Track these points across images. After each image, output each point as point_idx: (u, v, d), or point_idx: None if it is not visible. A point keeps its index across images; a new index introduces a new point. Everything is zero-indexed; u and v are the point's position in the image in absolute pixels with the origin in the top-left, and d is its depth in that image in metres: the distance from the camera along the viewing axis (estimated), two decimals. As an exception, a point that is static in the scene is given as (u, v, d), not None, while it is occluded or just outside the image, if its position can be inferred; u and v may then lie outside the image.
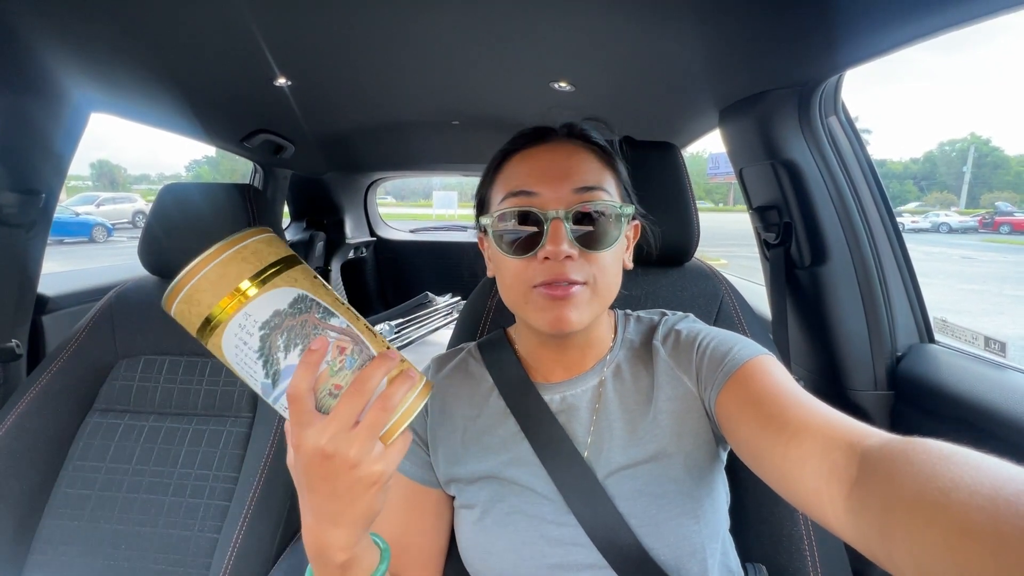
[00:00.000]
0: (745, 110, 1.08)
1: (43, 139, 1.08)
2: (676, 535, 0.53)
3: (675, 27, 0.79)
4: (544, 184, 0.55)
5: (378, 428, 0.38)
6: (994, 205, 24.08)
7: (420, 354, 1.94)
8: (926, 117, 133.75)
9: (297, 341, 0.38)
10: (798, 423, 0.43)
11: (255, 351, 0.38)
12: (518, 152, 0.59)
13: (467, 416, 0.63)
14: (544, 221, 0.53)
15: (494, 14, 0.78)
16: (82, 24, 0.80)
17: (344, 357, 0.39)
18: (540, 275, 0.53)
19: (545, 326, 0.54)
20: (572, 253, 0.53)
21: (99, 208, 14.19)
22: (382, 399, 0.38)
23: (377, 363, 0.39)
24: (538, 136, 0.60)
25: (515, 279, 0.56)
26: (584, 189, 0.55)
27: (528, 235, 0.54)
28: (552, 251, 0.52)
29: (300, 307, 0.39)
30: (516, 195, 0.56)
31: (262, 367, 0.38)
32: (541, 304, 0.54)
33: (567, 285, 0.53)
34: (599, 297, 0.55)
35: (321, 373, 0.39)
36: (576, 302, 0.53)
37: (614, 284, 0.57)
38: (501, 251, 0.56)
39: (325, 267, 2.59)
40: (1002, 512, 0.25)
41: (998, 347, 0.88)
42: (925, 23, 0.68)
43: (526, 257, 0.54)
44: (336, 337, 0.39)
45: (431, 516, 0.63)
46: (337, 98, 1.28)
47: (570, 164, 0.56)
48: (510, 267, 0.56)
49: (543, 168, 0.56)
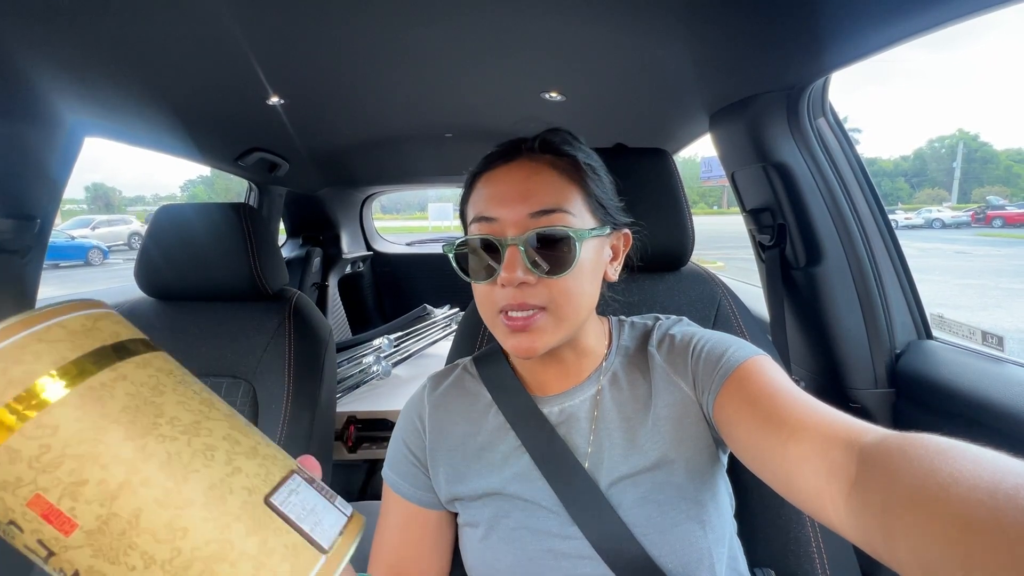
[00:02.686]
0: (735, 114, 1.09)
1: (37, 165, 1.08)
2: (682, 542, 0.52)
3: (663, 35, 0.80)
4: (503, 208, 0.54)
5: None
6: (985, 199, 24.26)
7: (420, 367, 1.93)
8: (915, 115, 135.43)
9: None
10: (795, 423, 0.43)
11: None
12: (484, 174, 0.59)
13: (467, 433, 0.62)
14: (501, 248, 0.53)
15: (483, 27, 0.78)
16: (76, 50, 0.80)
17: None
18: (502, 299, 0.54)
19: (510, 350, 0.55)
20: (528, 279, 0.52)
21: (94, 231, 14.16)
22: None
23: None
24: (505, 154, 0.59)
25: (483, 303, 0.57)
26: (541, 212, 0.53)
27: (490, 261, 0.55)
28: (506, 278, 0.52)
29: None
30: (479, 221, 0.56)
31: None
32: (505, 331, 0.55)
33: (528, 315, 0.53)
34: (563, 321, 0.54)
35: None
36: (537, 330, 0.53)
37: (581, 305, 0.55)
38: (467, 275, 0.57)
39: (323, 283, 2.59)
40: (1003, 506, 0.25)
41: (995, 341, 0.89)
42: (907, 24, 0.69)
43: (489, 282, 0.55)
44: None
45: (431, 538, 0.62)
46: (330, 115, 1.29)
47: (528, 187, 0.55)
48: (478, 291, 0.57)
49: (502, 192, 0.55)
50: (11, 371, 0.23)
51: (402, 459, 0.64)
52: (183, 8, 0.69)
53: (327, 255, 2.63)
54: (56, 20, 0.70)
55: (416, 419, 0.66)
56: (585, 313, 0.57)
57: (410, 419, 0.66)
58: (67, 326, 0.25)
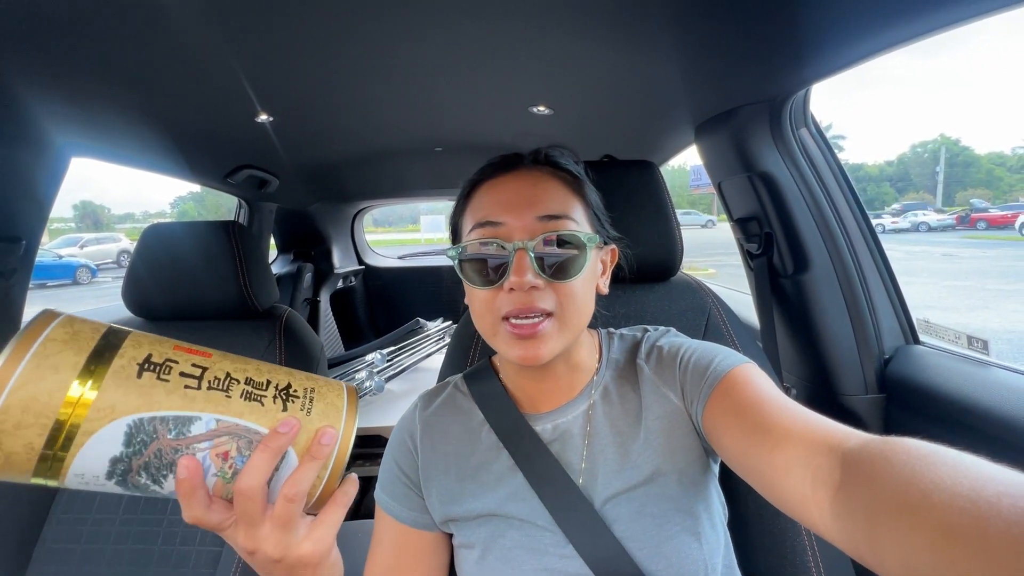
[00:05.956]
0: (719, 126, 1.11)
1: (24, 186, 1.07)
2: (679, 554, 0.52)
3: (648, 49, 0.82)
4: (509, 213, 0.55)
5: (290, 521, 0.35)
6: (969, 203, 24.69)
7: (414, 381, 1.92)
8: (897, 121, 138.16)
9: (164, 472, 0.31)
10: (781, 430, 0.44)
11: (121, 490, 0.31)
12: (486, 182, 0.59)
13: (460, 454, 0.62)
14: (509, 252, 0.53)
15: (470, 43, 0.79)
16: (64, 71, 0.80)
17: (232, 460, 0.33)
18: (507, 305, 0.53)
19: (515, 359, 0.54)
20: (537, 283, 0.52)
21: (83, 249, 14.02)
22: (287, 489, 0.35)
23: (258, 456, 0.32)
24: (506, 165, 0.60)
25: (484, 309, 0.56)
26: (549, 217, 0.54)
27: (494, 266, 0.54)
28: (516, 282, 0.52)
29: (142, 439, 0.30)
30: (483, 225, 0.56)
31: (143, 494, 0.32)
32: (508, 339, 0.54)
33: (534, 321, 0.52)
34: (568, 327, 0.55)
35: (215, 486, 0.33)
36: (543, 337, 0.53)
37: (584, 312, 0.56)
38: (469, 282, 0.56)
39: (314, 298, 2.57)
40: (983, 513, 0.26)
41: (981, 345, 0.90)
42: (886, 37, 0.71)
43: (493, 288, 0.54)
44: (209, 446, 0.32)
45: (425, 560, 0.61)
46: (320, 131, 1.29)
47: (535, 192, 0.56)
48: (479, 297, 0.56)
49: (509, 197, 0.56)
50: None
51: (394, 480, 0.64)
52: (171, 28, 0.70)
53: (318, 270, 2.62)
54: (43, 41, 0.70)
55: (408, 439, 0.65)
56: (586, 321, 0.57)
57: (402, 439, 0.65)
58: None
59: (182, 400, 0.31)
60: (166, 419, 0.30)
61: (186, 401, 0.31)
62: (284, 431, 0.34)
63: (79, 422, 0.28)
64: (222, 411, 0.32)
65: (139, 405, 0.29)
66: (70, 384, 0.28)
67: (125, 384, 0.29)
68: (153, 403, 0.30)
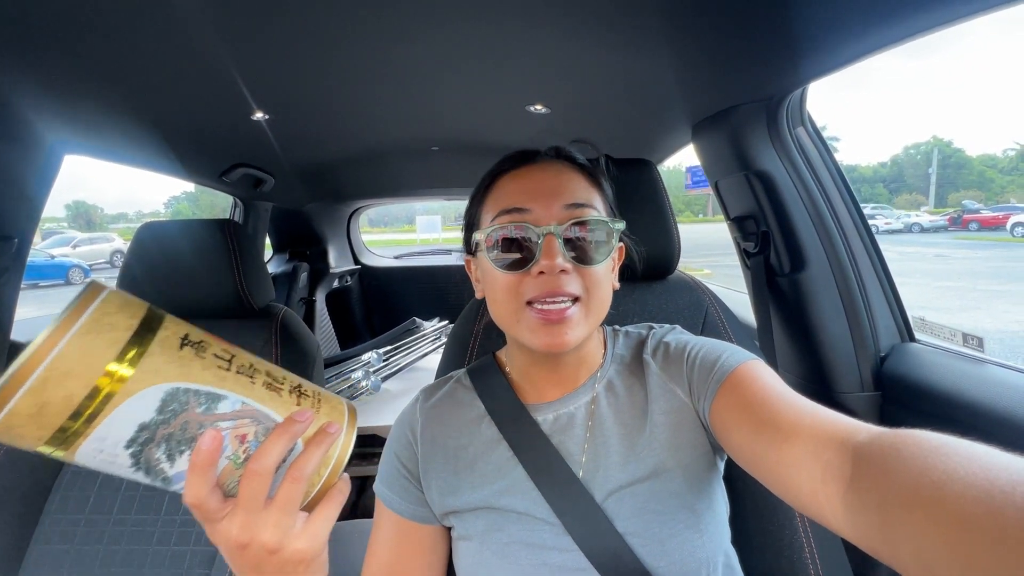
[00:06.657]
0: (716, 125, 1.11)
1: (15, 184, 1.06)
2: (681, 551, 0.52)
3: (645, 48, 0.82)
4: (536, 201, 0.56)
5: (292, 504, 0.35)
6: (961, 204, 24.90)
7: (410, 381, 1.91)
8: (891, 122, 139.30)
9: (182, 447, 0.32)
10: (789, 425, 0.44)
11: (128, 467, 0.31)
12: (507, 172, 0.60)
13: (459, 445, 0.62)
14: (538, 236, 0.54)
15: (467, 42, 0.79)
16: (56, 67, 0.80)
17: (247, 444, 0.34)
18: (533, 290, 0.53)
19: (539, 346, 0.54)
20: (566, 267, 0.53)
21: (75, 249, 13.91)
22: (293, 470, 0.35)
23: (275, 438, 0.34)
24: (526, 157, 0.61)
25: (507, 295, 0.56)
26: (575, 205, 0.56)
27: (522, 250, 0.55)
28: (547, 265, 0.52)
29: (173, 409, 0.31)
30: (508, 212, 0.56)
31: (144, 476, 0.32)
32: (534, 325, 0.54)
33: (562, 307, 0.53)
34: (593, 313, 0.56)
35: (224, 469, 0.34)
36: (571, 323, 0.54)
37: (606, 299, 0.58)
38: (494, 266, 0.56)
39: (310, 298, 2.56)
40: (998, 503, 0.25)
41: (976, 343, 0.90)
42: (881, 36, 0.71)
43: (519, 272, 0.55)
44: (231, 426, 0.33)
45: (424, 554, 0.61)
46: (315, 130, 1.29)
47: (560, 182, 0.57)
48: (503, 283, 0.56)
49: (534, 186, 0.57)
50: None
51: (395, 473, 0.63)
52: (165, 25, 0.69)
53: (314, 270, 2.61)
54: (35, 38, 0.70)
55: (408, 432, 0.65)
56: (606, 310, 0.58)
57: (402, 432, 0.65)
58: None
59: (215, 377, 0.32)
60: (199, 392, 0.31)
61: (218, 379, 0.32)
62: (301, 420, 0.35)
63: (125, 379, 0.29)
64: (248, 394, 0.33)
65: (178, 375, 0.31)
66: (124, 342, 0.29)
67: (168, 353, 0.31)
68: (190, 375, 0.31)
